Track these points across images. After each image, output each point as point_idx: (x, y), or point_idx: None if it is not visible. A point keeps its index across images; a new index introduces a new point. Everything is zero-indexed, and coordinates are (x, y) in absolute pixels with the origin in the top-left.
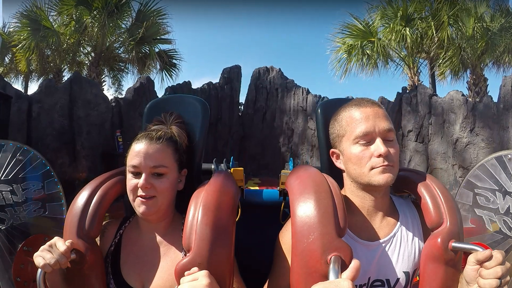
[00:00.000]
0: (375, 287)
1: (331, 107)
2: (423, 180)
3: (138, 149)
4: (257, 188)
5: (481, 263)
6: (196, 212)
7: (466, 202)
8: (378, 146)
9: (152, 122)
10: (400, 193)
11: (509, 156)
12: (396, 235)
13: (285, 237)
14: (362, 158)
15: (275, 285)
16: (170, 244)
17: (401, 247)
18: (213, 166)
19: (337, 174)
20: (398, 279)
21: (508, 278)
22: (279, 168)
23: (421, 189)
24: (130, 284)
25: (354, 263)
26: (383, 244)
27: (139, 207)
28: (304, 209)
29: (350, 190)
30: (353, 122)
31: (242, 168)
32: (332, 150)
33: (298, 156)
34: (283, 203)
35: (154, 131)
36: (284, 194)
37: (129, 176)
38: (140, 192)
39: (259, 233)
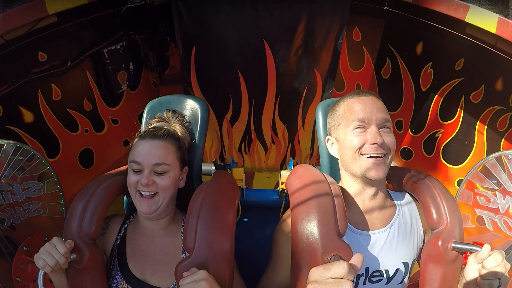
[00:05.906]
0: (374, 277)
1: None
2: (424, 180)
3: (141, 145)
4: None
5: (481, 261)
6: (196, 212)
7: (466, 202)
8: (373, 134)
9: (154, 118)
10: (400, 191)
11: (509, 156)
12: (393, 226)
13: (284, 228)
14: (357, 143)
15: (273, 273)
16: (171, 239)
17: (399, 238)
18: (213, 167)
19: (337, 174)
20: (397, 270)
21: (508, 278)
22: None
23: (421, 189)
24: (135, 275)
25: (358, 256)
26: (381, 235)
27: (140, 205)
28: (304, 209)
29: (346, 180)
30: (351, 109)
31: (242, 168)
32: (327, 137)
33: None
34: (283, 203)
35: (158, 128)
36: (284, 194)
37: (130, 171)
38: (141, 188)
39: (259, 233)
